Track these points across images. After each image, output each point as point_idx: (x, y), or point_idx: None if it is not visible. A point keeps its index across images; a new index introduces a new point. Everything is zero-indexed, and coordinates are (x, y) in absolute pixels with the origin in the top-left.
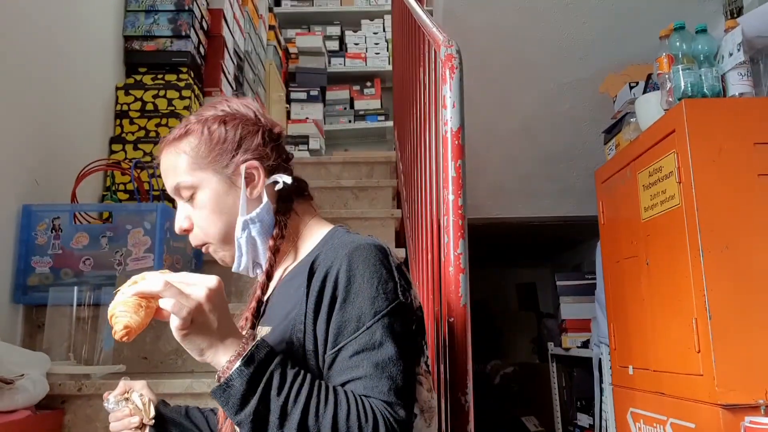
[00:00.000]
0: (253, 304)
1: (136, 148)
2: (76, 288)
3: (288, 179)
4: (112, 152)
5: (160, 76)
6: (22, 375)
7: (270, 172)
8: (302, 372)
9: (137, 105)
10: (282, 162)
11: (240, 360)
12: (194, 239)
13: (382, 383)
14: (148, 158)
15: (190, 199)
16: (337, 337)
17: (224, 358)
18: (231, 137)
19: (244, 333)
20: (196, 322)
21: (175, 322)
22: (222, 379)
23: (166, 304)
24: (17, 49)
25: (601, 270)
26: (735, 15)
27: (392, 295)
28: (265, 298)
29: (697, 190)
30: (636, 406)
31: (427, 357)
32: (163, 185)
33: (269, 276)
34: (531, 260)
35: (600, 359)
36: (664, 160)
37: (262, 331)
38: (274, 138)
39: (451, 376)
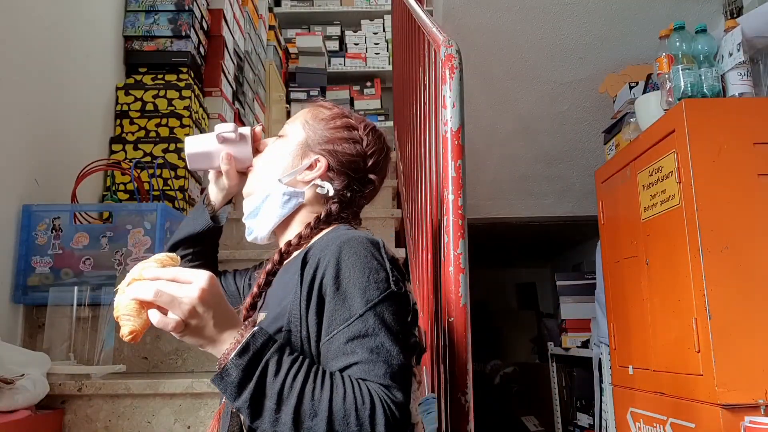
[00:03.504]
0: (255, 290)
1: (136, 148)
2: (76, 288)
3: (331, 190)
4: (112, 152)
5: (160, 76)
6: (23, 375)
7: (329, 181)
8: (300, 358)
9: (137, 105)
10: (345, 190)
11: (235, 351)
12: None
13: (378, 367)
14: (148, 158)
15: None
16: (330, 325)
17: (222, 349)
18: (336, 138)
19: (245, 321)
20: (190, 324)
21: (168, 329)
22: (219, 369)
23: (153, 317)
24: (17, 49)
25: (601, 270)
26: (735, 15)
27: (384, 284)
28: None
29: (697, 190)
30: (636, 406)
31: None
32: (163, 185)
33: (271, 272)
34: (531, 260)
35: (600, 359)
36: (664, 160)
37: (260, 317)
38: (359, 174)
39: (451, 376)
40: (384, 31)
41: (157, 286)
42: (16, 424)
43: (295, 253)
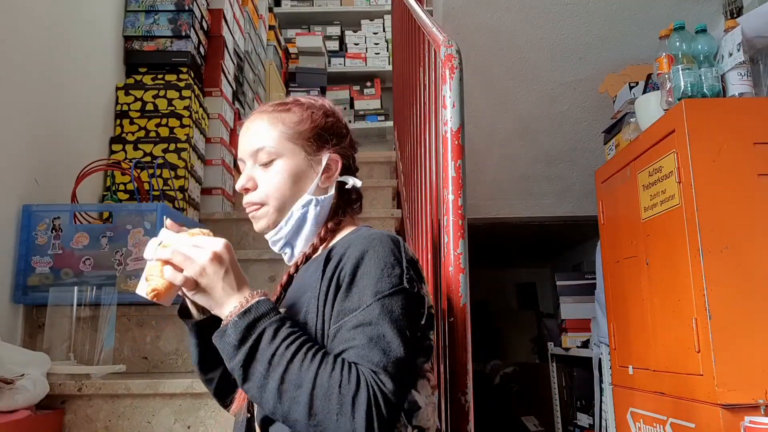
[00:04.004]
0: (278, 288)
1: (136, 148)
2: (76, 288)
3: (358, 183)
4: (112, 152)
5: (160, 76)
6: (23, 375)
7: (344, 172)
8: (299, 332)
9: (137, 105)
10: (353, 169)
11: (237, 313)
12: (253, 197)
13: (374, 354)
14: (148, 158)
15: (266, 164)
16: (339, 314)
17: (227, 311)
18: (329, 129)
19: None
20: (200, 283)
21: (177, 282)
22: (219, 330)
23: (167, 272)
24: (17, 49)
25: (601, 270)
26: (735, 15)
27: (396, 280)
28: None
29: (696, 190)
30: (636, 406)
31: (433, 356)
32: (163, 185)
33: (297, 266)
34: (531, 260)
35: (600, 359)
36: (664, 160)
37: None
38: (353, 145)
39: (451, 376)
40: (384, 31)
41: (175, 248)
42: (16, 424)
43: (318, 252)
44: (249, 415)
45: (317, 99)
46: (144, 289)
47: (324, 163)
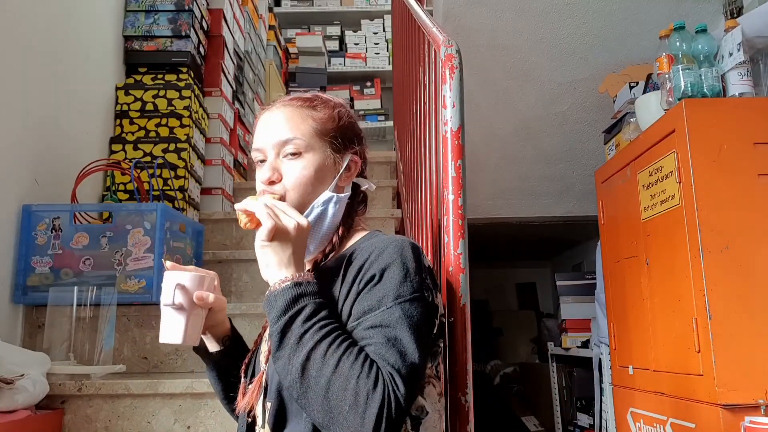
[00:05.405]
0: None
1: (136, 148)
2: (76, 288)
3: (373, 186)
4: (112, 152)
5: (160, 76)
6: (22, 375)
7: (358, 175)
8: (333, 321)
9: (137, 105)
10: (364, 173)
11: (289, 282)
12: (277, 189)
13: (390, 354)
14: (148, 158)
15: (293, 155)
16: (358, 312)
17: (281, 276)
18: (353, 130)
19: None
20: (275, 240)
21: (261, 233)
22: (270, 292)
23: (258, 211)
24: (17, 49)
25: (601, 270)
26: (735, 15)
27: (417, 286)
28: None
29: (697, 190)
30: (636, 406)
31: (439, 362)
32: (163, 185)
33: (316, 265)
34: (531, 260)
35: (600, 359)
36: (664, 160)
37: None
38: (366, 151)
39: (451, 376)
40: (384, 31)
41: (267, 203)
42: (16, 424)
43: (328, 258)
44: (249, 419)
45: (336, 98)
46: (168, 336)
47: (346, 162)
